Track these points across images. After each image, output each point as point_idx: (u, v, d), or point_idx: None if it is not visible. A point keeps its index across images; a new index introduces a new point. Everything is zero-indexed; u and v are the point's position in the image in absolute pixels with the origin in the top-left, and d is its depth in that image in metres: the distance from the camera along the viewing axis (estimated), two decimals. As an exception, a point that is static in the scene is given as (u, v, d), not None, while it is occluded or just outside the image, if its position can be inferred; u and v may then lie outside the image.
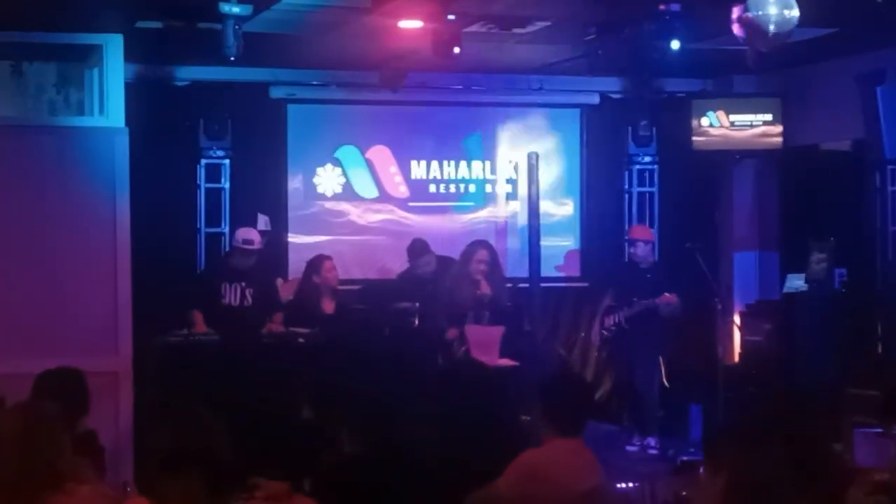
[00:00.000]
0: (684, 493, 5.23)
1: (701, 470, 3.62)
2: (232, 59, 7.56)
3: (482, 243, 9.68)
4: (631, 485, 5.70)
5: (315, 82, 10.35)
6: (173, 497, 3.36)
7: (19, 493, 3.82)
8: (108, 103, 8.29)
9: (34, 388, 5.67)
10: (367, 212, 10.57)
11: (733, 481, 3.09)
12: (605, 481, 4.85)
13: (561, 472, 4.63)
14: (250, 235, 9.10)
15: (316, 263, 9.34)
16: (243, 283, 9.02)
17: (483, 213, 10.84)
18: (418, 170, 10.71)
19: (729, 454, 3.17)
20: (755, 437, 3.18)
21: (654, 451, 9.49)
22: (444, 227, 10.63)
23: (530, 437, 4.97)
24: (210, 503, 3.41)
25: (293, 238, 10.33)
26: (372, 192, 10.61)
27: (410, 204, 10.68)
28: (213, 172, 10.01)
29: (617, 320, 9.75)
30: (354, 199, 10.55)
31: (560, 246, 10.95)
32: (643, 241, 9.92)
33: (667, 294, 9.52)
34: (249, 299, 9.04)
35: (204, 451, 3.51)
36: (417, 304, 9.24)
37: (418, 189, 10.70)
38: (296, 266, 10.08)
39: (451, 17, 7.79)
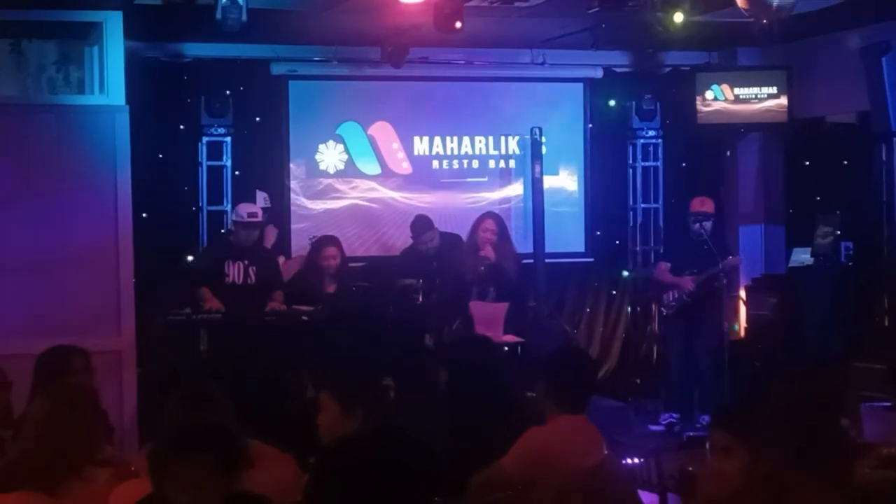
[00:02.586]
0: (690, 468, 5.20)
1: (707, 446, 3.59)
2: (232, 33, 7.50)
3: (489, 213, 9.77)
4: (636, 460, 5.67)
5: (316, 58, 10.29)
6: (186, 477, 3.34)
7: (37, 473, 3.83)
8: (108, 81, 8.26)
9: (35, 368, 5.66)
10: (370, 188, 10.53)
11: (750, 462, 3.07)
12: (610, 457, 4.83)
13: (566, 449, 4.61)
14: (253, 209, 9.06)
15: (319, 246, 9.29)
16: (246, 261, 8.97)
17: (486, 188, 10.78)
18: (421, 146, 10.66)
19: (743, 435, 3.15)
20: (765, 417, 3.16)
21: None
22: (448, 203, 10.58)
23: (535, 415, 4.94)
24: (221, 482, 3.39)
25: (295, 215, 10.29)
26: (374, 169, 10.57)
27: (413, 180, 10.63)
28: (215, 150, 9.96)
29: (676, 294, 9.64)
30: (357, 176, 10.50)
31: (564, 220, 10.90)
32: (713, 215, 9.75)
33: (731, 257, 9.61)
34: (253, 277, 8.99)
35: (215, 430, 3.50)
36: (421, 281, 9.22)
37: (421, 165, 10.65)
38: (298, 244, 10.06)
39: (452, -9, 7.74)
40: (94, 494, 3.86)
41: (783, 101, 10.41)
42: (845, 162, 10.02)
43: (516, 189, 10.82)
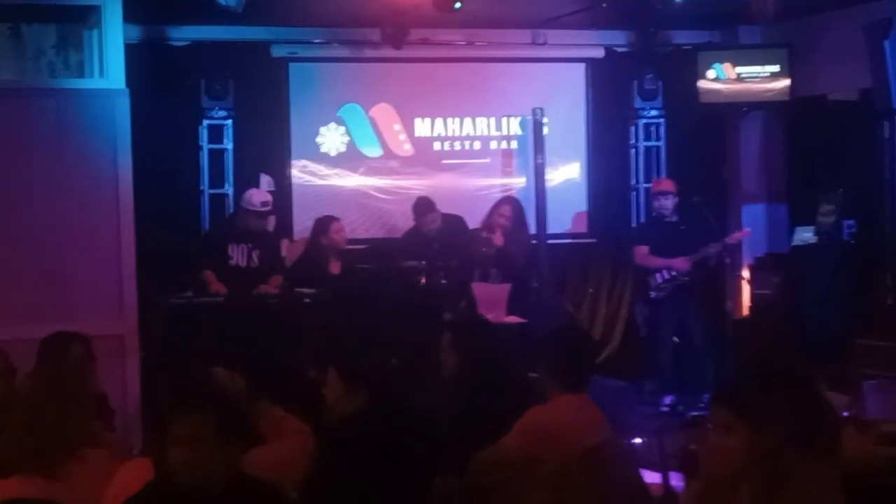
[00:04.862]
0: (692, 447, 5.20)
1: (709, 426, 3.58)
2: (233, 13, 7.48)
3: (507, 198, 9.86)
4: (639, 440, 5.68)
5: (317, 40, 10.26)
6: (185, 435, 3.33)
7: (33, 456, 3.83)
8: (108, 65, 8.23)
9: (39, 353, 5.68)
10: (372, 170, 10.51)
11: (752, 439, 3.07)
12: (612, 436, 4.83)
13: (567, 429, 4.61)
14: (266, 198, 9.06)
15: (324, 224, 9.29)
16: (250, 245, 8.99)
17: (488, 169, 10.77)
18: (422, 127, 10.64)
19: (744, 412, 3.15)
20: (766, 394, 3.15)
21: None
22: (450, 185, 10.56)
23: (537, 394, 4.94)
24: (221, 445, 3.38)
25: (297, 198, 10.28)
26: (376, 151, 10.55)
27: (415, 162, 10.61)
28: (216, 133, 9.95)
29: (668, 276, 9.61)
30: (358, 158, 10.49)
31: (566, 201, 10.89)
32: (672, 194, 9.75)
33: (737, 232, 9.67)
34: (256, 260, 9.01)
35: (215, 392, 3.50)
36: (423, 262, 9.21)
37: (423, 147, 10.64)
38: (300, 226, 10.05)
39: (452, -29, 7.72)
40: (91, 476, 3.87)
41: (785, 79, 10.38)
42: (847, 140, 9.99)
43: (518, 170, 10.81)
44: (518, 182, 10.78)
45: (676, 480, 5.45)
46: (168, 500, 3.37)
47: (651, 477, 5.30)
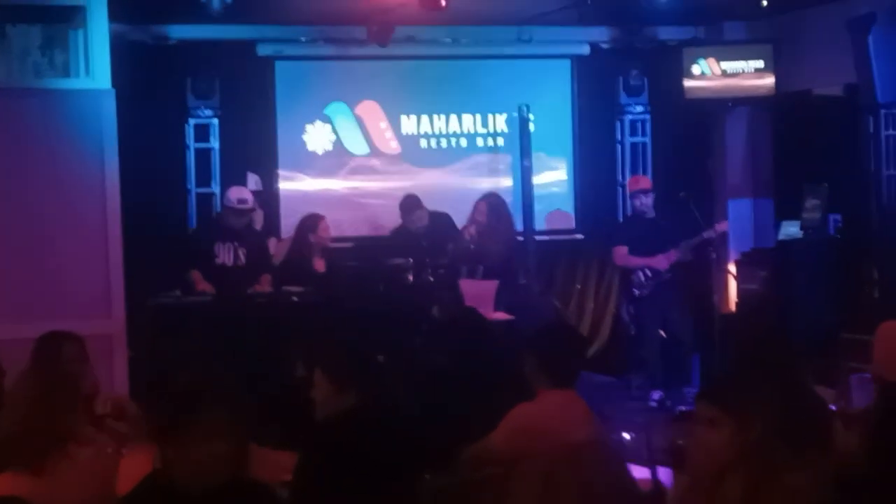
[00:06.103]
0: (680, 441, 5.21)
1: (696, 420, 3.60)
2: (216, 14, 7.48)
3: (485, 195, 9.85)
4: (627, 435, 5.69)
5: (302, 39, 10.27)
6: (197, 437, 3.32)
7: (22, 453, 3.84)
8: (93, 64, 8.20)
9: (33, 352, 5.65)
10: (358, 168, 10.52)
11: (737, 434, 3.08)
12: (600, 432, 4.84)
13: (555, 424, 4.62)
14: (244, 195, 9.04)
15: (312, 222, 9.27)
16: (236, 243, 8.98)
17: (474, 166, 10.78)
18: (409, 124, 10.65)
19: (729, 406, 3.16)
20: (752, 389, 3.17)
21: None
22: (437, 182, 10.58)
23: (525, 391, 4.95)
24: (223, 444, 3.38)
25: (284, 196, 10.28)
26: (363, 149, 10.56)
27: (402, 159, 10.62)
28: (202, 132, 9.96)
29: (650, 273, 9.62)
30: (345, 156, 10.50)
31: (553, 197, 10.91)
32: (650, 191, 9.78)
33: (718, 225, 9.75)
34: (242, 259, 9.00)
35: (226, 391, 3.49)
36: (411, 260, 9.22)
37: (409, 144, 10.64)
38: (288, 225, 10.05)
39: (437, -32, 7.72)
40: (79, 474, 3.88)
41: (770, 74, 10.41)
42: (832, 134, 10.02)
43: (504, 167, 10.82)
44: (505, 179, 10.79)
45: (665, 475, 5.47)
46: (165, 497, 3.37)
47: (639, 472, 5.30)
